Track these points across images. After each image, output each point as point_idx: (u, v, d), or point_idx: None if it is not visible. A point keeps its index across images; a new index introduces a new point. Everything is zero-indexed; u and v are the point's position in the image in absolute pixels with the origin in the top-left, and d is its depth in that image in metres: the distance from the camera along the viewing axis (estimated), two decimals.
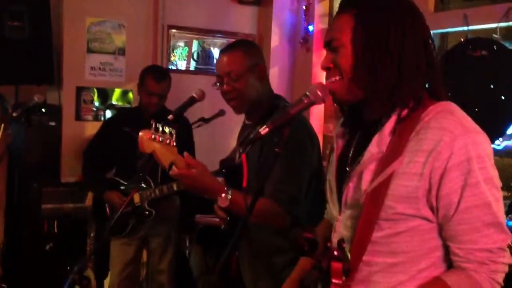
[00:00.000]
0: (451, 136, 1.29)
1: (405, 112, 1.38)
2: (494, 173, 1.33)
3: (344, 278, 1.18)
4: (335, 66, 1.43)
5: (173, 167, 1.79)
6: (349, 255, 1.20)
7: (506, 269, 1.35)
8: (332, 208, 1.57)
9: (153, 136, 1.73)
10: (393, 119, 1.38)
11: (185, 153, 1.82)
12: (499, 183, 1.35)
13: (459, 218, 1.31)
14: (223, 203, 1.83)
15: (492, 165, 1.33)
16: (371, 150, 1.40)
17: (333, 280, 1.18)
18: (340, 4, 1.48)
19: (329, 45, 1.44)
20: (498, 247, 1.32)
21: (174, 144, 1.75)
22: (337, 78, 1.43)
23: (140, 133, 1.76)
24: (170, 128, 1.77)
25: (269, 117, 2.05)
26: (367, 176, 1.39)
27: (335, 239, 1.46)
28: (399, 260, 1.38)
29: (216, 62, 2.29)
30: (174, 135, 1.76)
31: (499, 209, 1.32)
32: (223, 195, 1.82)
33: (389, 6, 1.40)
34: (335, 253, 1.19)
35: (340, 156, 1.54)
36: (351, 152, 1.50)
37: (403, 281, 1.38)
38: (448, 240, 1.35)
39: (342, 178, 1.50)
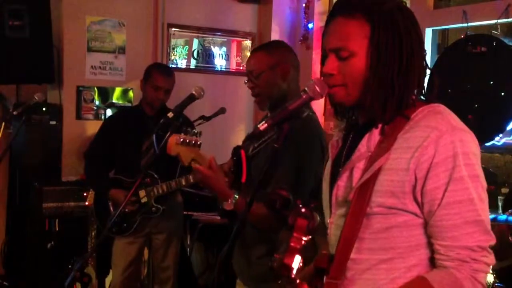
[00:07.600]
0: (437, 133, 1.31)
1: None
2: (480, 172, 1.33)
3: (306, 235, 1.21)
4: (340, 73, 1.41)
5: (194, 162, 2.01)
6: (316, 215, 1.22)
7: (488, 270, 1.33)
8: (326, 214, 1.55)
9: (181, 140, 1.95)
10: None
11: (211, 156, 2.04)
12: (485, 184, 1.34)
13: (442, 214, 1.31)
14: (228, 207, 2.02)
15: (478, 164, 1.34)
16: (360, 149, 1.41)
17: (295, 234, 1.21)
18: (340, 7, 1.43)
19: (337, 52, 1.41)
20: (479, 245, 1.30)
21: (199, 143, 1.97)
22: (340, 84, 1.42)
23: (170, 138, 2.01)
24: (196, 131, 2.00)
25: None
26: (356, 174, 1.40)
27: (331, 242, 1.46)
28: (388, 257, 1.38)
29: None
30: (199, 136, 2.00)
31: (484, 208, 1.32)
32: (229, 200, 2.01)
33: (403, 19, 1.39)
34: (302, 210, 1.22)
35: (334, 162, 1.54)
36: (344, 155, 1.50)
37: (393, 279, 1.37)
38: (432, 237, 1.35)
39: (334, 181, 1.49)
